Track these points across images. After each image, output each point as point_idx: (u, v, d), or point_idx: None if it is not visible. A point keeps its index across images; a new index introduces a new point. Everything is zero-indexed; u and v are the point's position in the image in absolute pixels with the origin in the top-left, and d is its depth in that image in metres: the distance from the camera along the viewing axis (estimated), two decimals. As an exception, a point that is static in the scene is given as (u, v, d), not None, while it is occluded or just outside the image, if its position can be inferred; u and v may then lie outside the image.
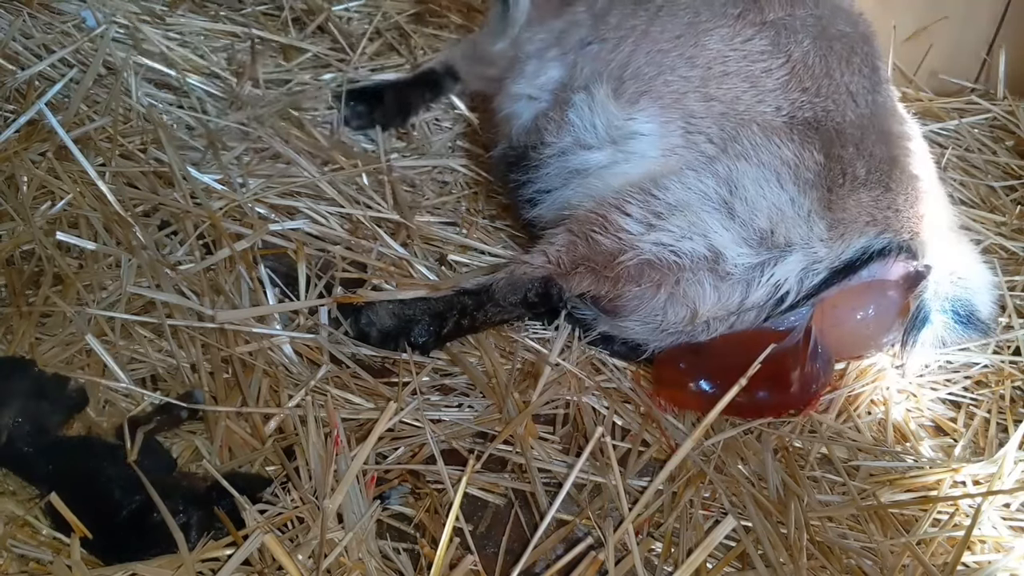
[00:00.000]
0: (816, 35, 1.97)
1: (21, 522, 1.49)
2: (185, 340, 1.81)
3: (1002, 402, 1.98)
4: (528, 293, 1.92)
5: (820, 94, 1.91)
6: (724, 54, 1.95)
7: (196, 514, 1.50)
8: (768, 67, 1.93)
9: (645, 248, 1.81)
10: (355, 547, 1.46)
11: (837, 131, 1.88)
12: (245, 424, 1.71)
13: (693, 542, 1.59)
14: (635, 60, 2.00)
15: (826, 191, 1.81)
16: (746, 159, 1.83)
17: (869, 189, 1.83)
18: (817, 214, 1.80)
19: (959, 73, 3.01)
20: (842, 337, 1.87)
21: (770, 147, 1.84)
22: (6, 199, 1.95)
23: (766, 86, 1.92)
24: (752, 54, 1.95)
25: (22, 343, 1.73)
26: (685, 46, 1.98)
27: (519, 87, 2.22)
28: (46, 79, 2.31)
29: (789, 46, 1.95)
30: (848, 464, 1.81)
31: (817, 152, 1.83)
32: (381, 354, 1.89)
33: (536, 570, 1.56)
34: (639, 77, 1.98)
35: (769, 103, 1.90)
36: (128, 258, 1.86)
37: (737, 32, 1.97)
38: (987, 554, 1.66)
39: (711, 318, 1.84)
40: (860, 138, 1.88)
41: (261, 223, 2.04)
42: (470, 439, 1.78)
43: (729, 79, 1.93)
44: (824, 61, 1.94)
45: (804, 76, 1.92)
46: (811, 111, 1.90)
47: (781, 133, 1.86)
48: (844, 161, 1.84)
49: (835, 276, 1.80)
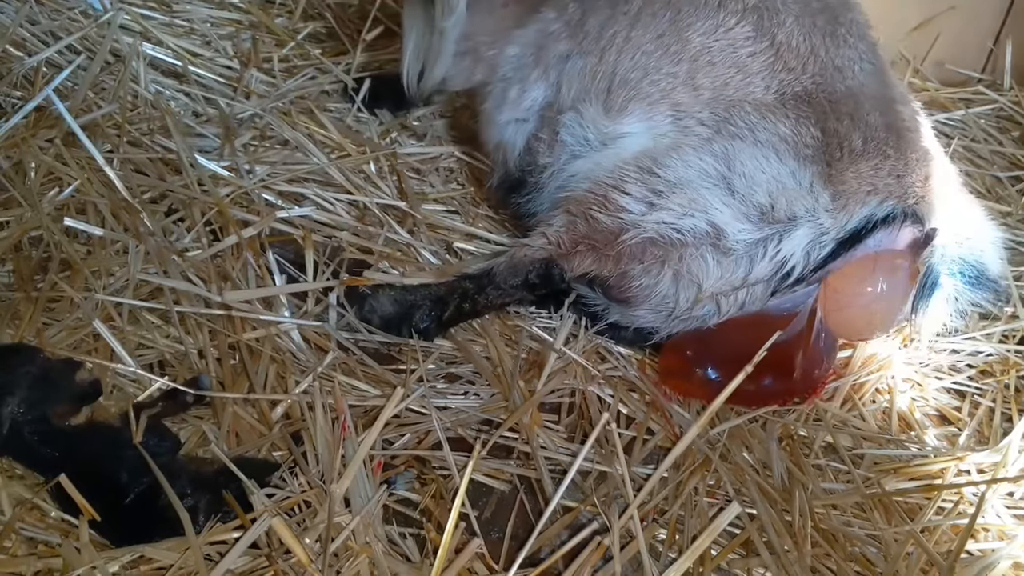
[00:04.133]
0: (798, 13, 1.96)
1: (29, 505, 1.50)
2: (192, 326, 1.81)
3: (1007, 391, 1.98)
4: (529, 275, 1.92)
5: (807, 71, 1.91)
6: (708, 46, 1.95)
7: (203, 497, 1.50)
8: (753, 51, 1.93)
9: (647, 226, 1.82)
10: (362, 531, 1.47)
11: (830, 103, 1.88)
12: (252, 410, 1.72)
13: (697, 529, 1.60)
14: (620, 68, 1.99)
15: (825, 165, 1.81)
16: (741, 138, 1.84)
17: (868, 159, 1.83)
18: (820, 186, 1.80)
19: (965, 63, 3.01)
20: (855, 316, 1.86)
21: (765, 124, 1.85)
22: (14, 185, 1.96)
23: (753, 69, 1.92)
24: (737, 41, 1.94)
25: (30, 328, 1.74)
26: (669, 43, 1.97)
27: (505, 115, 2.17)
28: (53, 66, 2.31)
29: (772, 28, 1.94)
30: (852, 452, 1.81)
31: (813, 127, 1.84)
32: (388, 341, 1.90)
33: (541, 556, 1.56)
34: (627, 84, 1.97)
35: (758, 84, 1.91)
36: (136, 244, 1.87)
37: (720, 23, 1.96)
38: (991, 542, 1.66)
39: (717, 294, 1.83)
40: (854, 108, 1.88)
41: (268, 210, 2.05)
42: (475, 426, 1.79)
43: (716, 68, 1.94)
44: (808, 39, 1.94)
45: (789, 57, 1.92)
46: (800, 87, 1.90)
47: (775, 110, 1.87)
48: (840, 134, 1.84)
49: (841, 247, 1.80)
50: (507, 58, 2.18)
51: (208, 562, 1.42)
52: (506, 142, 2.17)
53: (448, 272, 2.03)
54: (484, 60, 2.27)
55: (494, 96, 2.19)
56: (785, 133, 1.84)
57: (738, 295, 1.84)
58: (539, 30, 2.15)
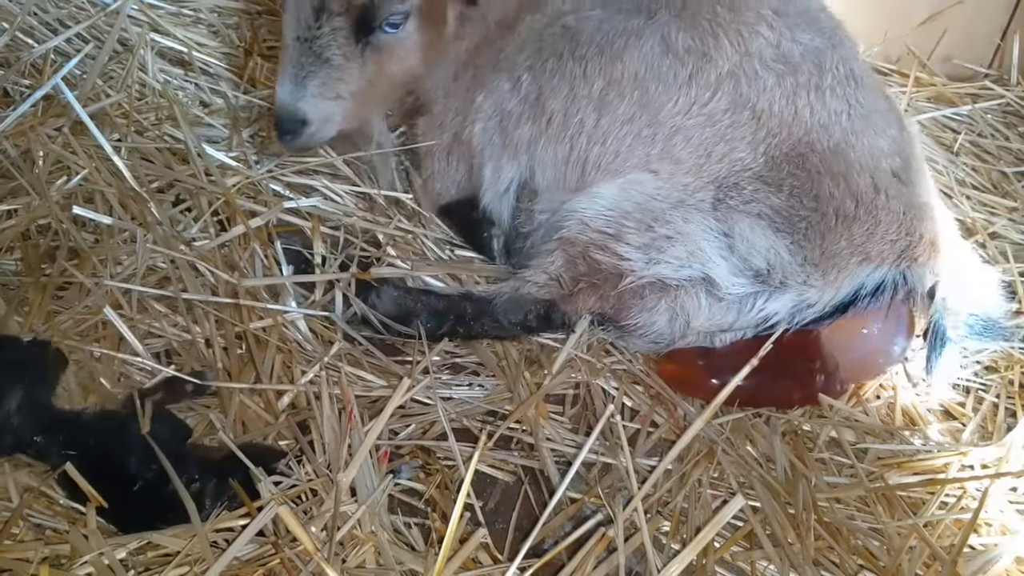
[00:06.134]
0: (779, 71, 1.87)
1: (37, 493, 1.51)
2: (200, 315, 1.82)
3: (1011, 387, 1.98)
4: (528, 315, 1.92)
5: (793, 135, 1.84)
6: (683, 125, 1.87)
7: (209, 485, 1.52)
8: (734, 121, 1.86)
9: (646, 274, 1.84)
10: (368, 520, 1.48)
11: (822, 163, 1.83)
12: (259, 399, 1.72)
13: (701, 521, 1.60)
14: (593, 155, 1.93)
15: (820, 239, 1.80)
16: (737, 209, 1.82)
17: (860, 223, 1.81)
18: (812, 264, 1.80)
19: (973, 59, 3.00)
20: (852, 361, 1.90)
21: (758, 197, 1.82)
22: (22, 173, 1.96)
23: (736, 137, 1.85)
24: (715, 114, 1.86)
25: (39, 315, 1.74)
26: (640, 126, 1.89)
27: (489, 193, 2.10)
28: (62, 54, 2.31)
29: (750, 95, 1.86)
30: (856, 447, 1.82)
31: (807, 197, 1.81)
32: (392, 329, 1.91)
33: (545, 546, 1.57)
34: (600, 167, 1.92)
35: (743, 151, 1.85)
36: (144, 233, 1.87)
37: (693, 98, 1.87)
38: (993, 537, 1.67)
39: (705, 332, 1.87)
40: (845, 169, 1.83)
41: (276, 200, 2.05)
42: (480, 418, 1.79)
43: (693, 142, 1.86)
44: (791, 101, 1.85)
45: (772, 124, 1.85)
46: (789, 148, 1.84)
47: (767, 180, 1.83)
48: (835, 199, 1.81)
49: (828, 315, 1.83)
50: (477, 136, 2.10)
51: (215, 549, 1.44)
52: (494, 211, 2.11)
53: (455, 271, 2.04)
54: (463, 144, 2.15)
55: (475, 174, 2.13)
56: (779, 206, 1.81)
57: (725, 336, 1.88)
58: (496, 105, 2.07)
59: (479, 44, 2.11)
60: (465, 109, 2.11)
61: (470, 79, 2.12)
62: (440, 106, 2.17)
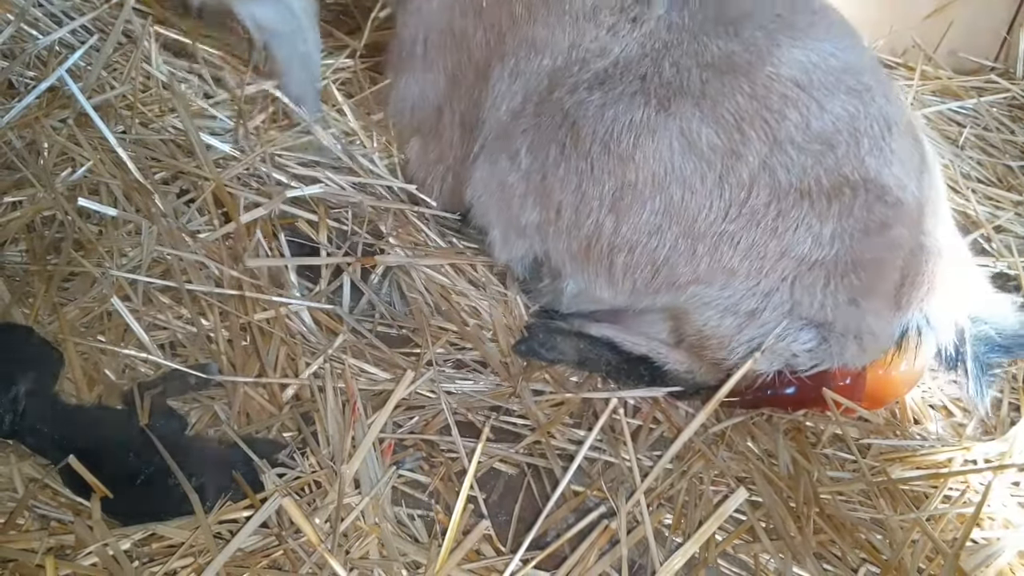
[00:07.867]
0: (816, 151, 1.67)
1: (42, 484, 1.52)
2: (204, 307, 1.83)
3: (1014, 382, 1.98)
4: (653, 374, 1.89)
5: (844, 216, 1.68)
6: (724, 230, 1.70)
7: (211, 476, 1.52)
8: (778, 210, 1.68)
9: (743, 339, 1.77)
10: (371, 512, 1.48)
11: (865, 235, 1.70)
12: (263, 390, 1.73)
13: (704, 514, 1.61)
14: (618, 262, 1.77)
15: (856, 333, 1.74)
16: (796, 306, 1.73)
17: (887, 299, 1.75)
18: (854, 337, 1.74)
19: (979, 52, 2.99)
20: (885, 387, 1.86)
21: (810, 296, 1.71)
22: (27, 165, 1.96)
23: (783, 227, 1.69)
24: (756, 211, 1.68)
25: (44, 305, 1.75)
26: (674, 237, 1.72)
27: (502, 256, 1.96)
28: (66, 46, 2.31)
29: (789, 182, 1.67)
30: (859, 442, 1.82)
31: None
32: (401, 324, 1.91)
33: (548, 538, 1.58)
34: (636, 284, 1.79)
35: (800, 244, 1.69)
36: (148, 225, 1.88)
37: (729, 203, 1.69)
38: (996, 531, 1.67)
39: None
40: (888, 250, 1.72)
41: (279, 190, 2.05)
42: (484, 412, 1.80)
43: (736, 240, 1.70)
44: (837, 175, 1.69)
45: (821, 207, 1.68)
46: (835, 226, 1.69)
47: (816, 272, 1.70)
48: (884, 272, 1.73)
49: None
50: (482, 202, 1.94)
51: (219, 540, 1.44)
52: (513, 267, 1.99)
53: (458, 260, 2.05)
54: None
55: (489, 242, 1.98)
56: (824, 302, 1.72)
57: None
58: (498, 178, 1.89)
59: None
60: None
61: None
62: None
